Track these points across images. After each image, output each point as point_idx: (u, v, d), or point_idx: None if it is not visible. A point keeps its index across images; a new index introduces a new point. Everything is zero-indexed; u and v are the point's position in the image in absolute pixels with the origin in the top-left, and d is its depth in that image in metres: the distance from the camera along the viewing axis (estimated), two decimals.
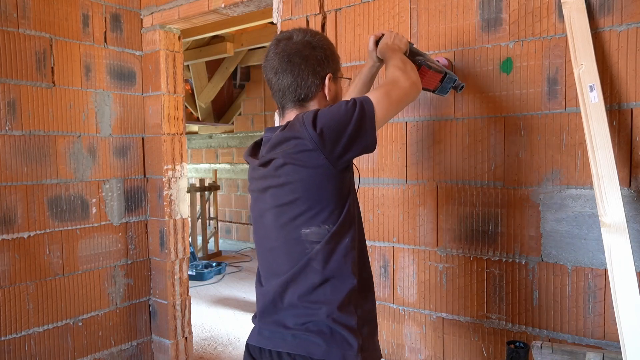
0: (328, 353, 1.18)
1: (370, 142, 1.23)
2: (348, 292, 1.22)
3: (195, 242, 6.39)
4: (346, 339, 1.19)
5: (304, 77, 1.29)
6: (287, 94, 1.31)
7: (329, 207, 1.22)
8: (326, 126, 1.18)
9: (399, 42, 1.52)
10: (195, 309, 4.33)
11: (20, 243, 2.47)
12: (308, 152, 1.19)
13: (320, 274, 1.21)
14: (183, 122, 3.05)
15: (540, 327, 1.66)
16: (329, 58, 1.33)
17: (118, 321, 2.89)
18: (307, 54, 1.29)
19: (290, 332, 1.22)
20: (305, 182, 1.21)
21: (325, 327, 1.19)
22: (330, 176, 1.21)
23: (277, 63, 1.30)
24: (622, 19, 1.50)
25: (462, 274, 1.82)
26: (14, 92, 2.43)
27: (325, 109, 1.24)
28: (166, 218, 2.95)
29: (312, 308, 1.21)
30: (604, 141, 1.42)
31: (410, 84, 1.32)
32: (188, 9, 2.71)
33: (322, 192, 1.21)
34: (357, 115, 1.20)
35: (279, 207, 1.26)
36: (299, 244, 1.23)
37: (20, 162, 2.45)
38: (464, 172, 1.80)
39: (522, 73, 1.67)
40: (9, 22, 2.40)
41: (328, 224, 1.22)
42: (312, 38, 1.31)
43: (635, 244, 1.48)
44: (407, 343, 1.97)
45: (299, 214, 1.22)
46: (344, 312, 1.20)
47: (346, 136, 1.19)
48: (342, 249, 1.22)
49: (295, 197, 1.22)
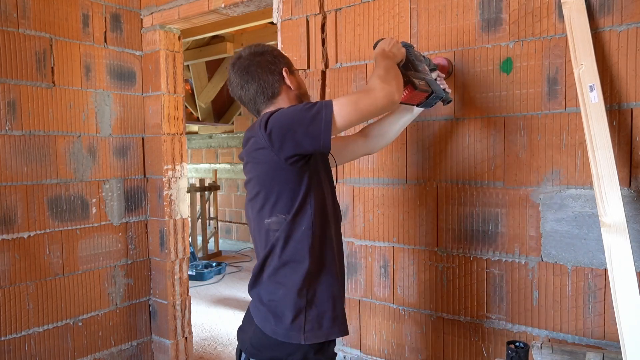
0: (275, 332, 1.37)
1: (323, 144, 1.30)
2: (303, 275, 1.37)
3: (195, 242, 6.39)
4: (290, 322, 1.36)
5: (265, 78, 1.45)
6: (257, 99, 1.47)
7: (283, 197, 1.36)
8: (276, 126, 1.31)
9: (397, 50, 1.52)
10: (195, 309, 4.33)
11: (20, 243, 2.47)
12: (261, 150, 1.34)
13: (279, 258, 1.38)
14: (183, 122, 3.05)
15: (540, 327, 1.67)
16: (277, 57, 1.48)
17: (118, 321, 2.89)
18: (258, 60, 1.45)
19: (261, 306, 1.42)
20: (261, 176, 1.39)
21: (279, 309, 1.38)
22: (282, 170, 1.34)
23: (239, 80, 1.48)
24: (622, 19, 1.50)
25: (462, 274, 1.82)
26: (14, 92, 2.43)
27: (284, 109, 1.36)
28: (166, 218, 2.95)
29: (275, 287, 1.40)
30: (604, 141, 1.42)
31: (384, 96, 1.33)
32: (188, 9, 2.71)
33: (275, 185, 1.36)
34: (309, 117, 1.29)
35: (250, 201, 1.44)
36: (265, 232, 1.40)
37: (20, 162, 2.45)
38: (464, 172, 1.80)
39: (522, 73, 1.67)
40: (9, 22, 2.40)
41: (284, 214, 1.36)
42: (257, 48, 1.49)
43: (635, 244, 1.48)
44: (407, 343, 1.97)
45: (261, 206, 1.39)
46: (296, 294, 1.37)
47: (294, 136, 1.29)
48: (297, 236, 1.37)
49: (256, 190, 1.40)
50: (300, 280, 1.37)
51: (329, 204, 1.45)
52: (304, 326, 1.35)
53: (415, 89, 1.51)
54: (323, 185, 1.43)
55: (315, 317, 1.38)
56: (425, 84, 1.55)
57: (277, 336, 1.36)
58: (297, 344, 1.35)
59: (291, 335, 1.35)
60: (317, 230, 1.39)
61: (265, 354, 1.40)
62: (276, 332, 1.37)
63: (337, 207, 1.52)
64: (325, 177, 1.47)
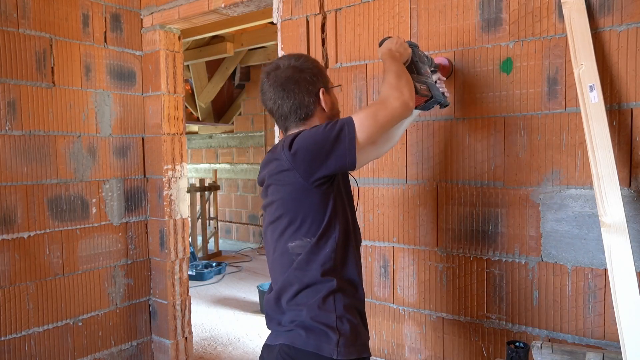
0: (307, 342, 1.30)
1: (349, 162, 1.29)
2: (327, 293, 1.32)
3: (195, 242, 6.39)
4: (325, 333, 1.29)
5: (301, 98, 1.40)
6: (289, 118, 1.43)
7: (307, 220, 1.33)
8: (301, 147, 1.29)
9: (403, 50, 1.51)
10: (195, 309, 4.33)
11: (20, 243, 2.47)
12: (285, 172, 1.32)
13: (301, 281, 1.33)
14: (183, 122, 3.05)
15: (540, 327, 1.67)
16: (317, 75, 1.43)
17: (118, 321, 2.89)
18: (297, 78, 1.39)
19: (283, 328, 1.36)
20: (285, 199, 1.34)
21: (307, 323, 1.31)
22: (306, 192, 1.31)
23: (273, 94, 1.41)
24: (622, 19, 1.50)
25: (462, 274, 1.82)
26: (14, 92, 2.43)
27: (306, 131, 1.33)
28: (166, 218, 2.95)
29: (297, 310, 1.34)
30: (604, 141, 1.42)
31: (400, 104, 1.32)
32: (188, 9, 2.71)
33: (299, 208, 1.33)
34: (333, 136, 1.28)
35: (271, 223, 1.40)
36: (287, 256, 1.36)
37: (20, 162, 2.45)
38: (464, 172, 1.80)
39: (522, 73, 1.67)
40: (9, 22, 2.40)
41: (309, 237, 1.33)
42: (297, 62, 1.42)
43: (635, 244, 1.48)
44: (407, 343, 1.97)
45: (284, 229, 1.35)
46: (323, 311, 1.31)
47: (320, 157, 1.28)
48: (321, 258, 1.33)
49: (279, 213, 1.36)
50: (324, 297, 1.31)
51: (351, 227, 1.42)
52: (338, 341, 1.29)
53: (417, 93, 1.51)
54: (345, 207, 1.41)
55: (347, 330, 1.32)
56: (426, 89, 1.55)
57: (309, 347, 1.29)
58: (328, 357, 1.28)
59: (323, 348, 1.28)
60: (339, 250, 1.35)
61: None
62: (308, 343, 1.29)
63: (357, 229, 1.48)
64: (347, 200, 1.44)
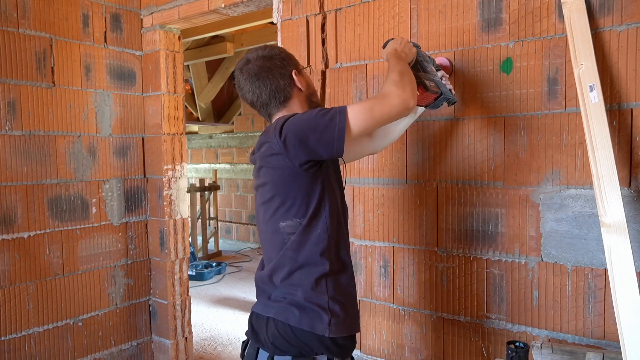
0: (300, 321, 1.36)
1: (336, 151, 1.31)
2: (319, 275, 1.38)
3: (195, 242, 6.39)
4: (318, 313, 1.36)
5: (277, 83, 1.45)
6: (270, 104, 1.48)
7: (297, 202, 1.37)
8: (290, 132, 1.32)
9: (408, 50, 1.52)
10: (195, 309, 4.33)
11: (20, 243, 2.47)
12: (276, 155, 1.35)
13: (295, 261, 1.39)
14: (183, 122, 3.05)
15: (540, 327, 1.67)
16: (286, 59, 1.49)
17: (118, 321, 2.89)
18: (268, 66, 1.46)
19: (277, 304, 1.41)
20: (276, 181, 1.39)
21: (301, 303, 1.37)
22: (297, 175, 1.35)
23: (250, 86, 1.47)
24: (622, 19, 1.50)
25: (462, 274, 1.82)
26: (14, 92, 2.43)
27: (298, 115, 1.37)
28: (166, 218, 2.95)
29: (290, 289, 1.40)
30: (604, 141, 1.42)
31: (400, 102, 1.32)
32: (188, 9, 2.71)
33: (290, 190, 1.37)
34: (323, 124, 1.30)
35: (263, 204, 1.44)
36: (279, 235, 1.41)
37: (20, 162, 2.45)
38: (464, 172, 1.80)
39: (522, 73, 1.67)
40: (9, 22, 2.40)
41: (299, 217, 1.38)
42: (264, 52, 1.48)
43: (635, 244, 1.48)
44: (407, 343, 1.97)
45: (276, 209, 1.40)
46: (316, 292, 1.37)
47: (308, 143, 1.31)
48: (313, 239, 1.38)
49: (271, 194, 1.40)
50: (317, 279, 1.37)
51: (340, 207, 1.47)
52: (330, 320, 1.35)
53: (427, 90, 1.51)
54: (334, 189, 1.45)
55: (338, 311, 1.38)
56: (435, 86, 1.56)
57: (303, 325, 1.35)
58: (321, 335, 1.35)
59: (316, 327, 1.35)
60: (332, 233, 1.40)
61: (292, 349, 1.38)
62: (302, 321, 1.35)
63: (345, 208, 1.53)
64: (336, 181, 1.48)
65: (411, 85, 1.38)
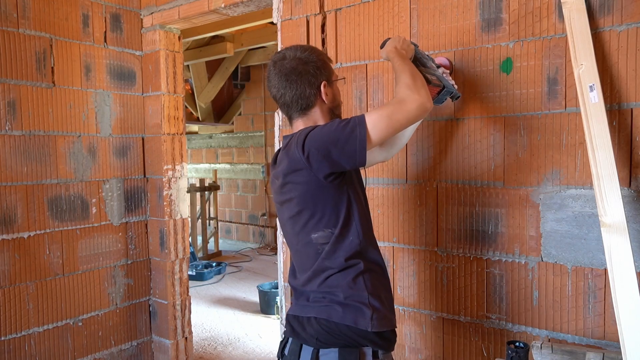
0: (344, 317, 1.36)
1: (359, 162, 1.33)
2: (356, 274, 1.39)
3: (195, 242, 6.39)
4: (360, 309, 1.37)
5: (302, 90, 1.45)
6: (291, 107, 1.49)
7: (327, 213, 1.39)
8: (313, 147, 1.33)
9: (407, 47, 1.53)
10: (195, 309, 4.33)
11: (20, 243, 2.47)
12: (300, 171, 1.37)
13: (331, 268, 1.40)
14: (183, 122, 3.05)
15: (540, 327, 1.66)
16: (321, 68, 1.47)
17: (118, 321, 2.89)
18: (300, 70, 1.45)
19: (317, 304, 1.42)
20: (302, 196, 1.40)
21: (342, 301, 1.38)
22: (322, 188, 1.37)
23: (277, 82, 1.48)
24: (622, 19, 1.50)
25: (462, 274, 1.82)
26: (14, 92, 2.43)
27: (318, 128, 1.37)
28: (166, 218, 2.95)
29: (329, 291, 1.41)
30: (604, 141, 1.42)
31: (418, 106, 1.33)
32: (188, 9, 2.71)
33: (318, 202, 1.39)
34: (345, 137, 1.31)
35: (291, 218, 1.46)
36: (312, 247, 1.42)
37: (20, 162, 2.45)
38: (464, 172, 1.80)
39: (522, 73, 1.67)
40: (9, 22, 2.40)
41: (330, 227, 1.39)
42: (302, 54, 1.47)
43: (635, 244, 1.48)
44: (407, 343, 1.97)
45: (306, 222, 1.41)
46: (355, 290, 1.38)
47: (331, 157, 1.32)
48: (346, 246, 1.40)
49: (299, 209, 1.42)
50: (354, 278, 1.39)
51: (366, 210, 1.49)
52: (372, 315, 1.36)
53: (429, 83, 1.51)
54: (359, 194, 1.47)
55: (379, 306, 1.39)
56: (437, 79, 1.56)
57: (346, 321, 1.36)
58: (364, 330, 1.35)
59: (359, 322, 1.35)
60: (363, 237, 1.42)
61: (337, 342, 1.38)
62: (345, 317, 1.36)
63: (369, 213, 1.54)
64: (359, 185, 1.50)
65: (425, 87, 1.38)
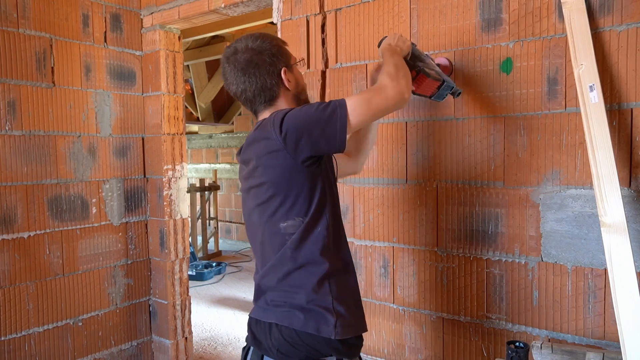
0: (305, 324, 1.31)
1: (338, 144, 1.29)
2: (321, 276, 1.33)
3: (195, 242, 6.39)
4: (322, 315, 1.31)
5: (263, 81, 1.40)
6: (255, 102, 1.43)
7: (299, 200, 1.33)
8: (291, 127, 1.27)
9: (402, 44, 1.53)
10: (195, 309, 4.33)
11: (20, 243, 2.47)
12: (275, 153, 1.30)
13: (294, 261, 1.33)
14: (183, 122, 3.05)
15: (540, 327, 1.67)
16: (277, 55, 1.42)
17: (118, 321, 2.89)
18: (256, 61, 1.39)
19: (278, 308, 1.36)
20: (275, 180, 1.33)
21: (304, 305, 1.32)
22: (297, 172, 1.31)
23: (234, 78, 1.41)
24: (622, 19, 1.50)
25: (462, 274, 1.82)
26: (14, 92, 2.43)
27: (296, 109, 1.32)
28: (166, 218, 2.95)
29: (290, 291, 1.35)
30: (604, 141, 1.42)
31: (396, 94, 1.33)
32: (188, 9, 2.71)
33: (291, 188, 1.32)
34: (325, 118, 1.27)
35: (260, 205, 1.38)
36: (279, 237, 1.35)
37: (20, 162, 2.45)
38: (464, 172, 1.80)
39: (522, 73, 1.67)
40: (9, 22, 2.40)
41: (301, 216, 1.33)
42: (254, 43, 1.41)
43: (635, 244, 1.48)
44: (407, 343, 1.97)
45: (275, 209, 1.34)
46: (319, 294, 1.32)
47: (310, 138, 1.27)
48: (313, 238, 1.34)
49: (270, 194, 1.34)
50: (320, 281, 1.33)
51: (337, 204, 1.44)
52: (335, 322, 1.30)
53: (428, 76, 1.52)
54: (332, 185, 1.42)
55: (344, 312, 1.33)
56: (436, 74, 1.57)
57: (308, 328, 1.30)
58: (328, 338, 1.30)
59: (322, 329, 1.30)
60: (331, 230, 1.37)
61: (299, 353, 1.33)
62: (307, 325, 1.30)
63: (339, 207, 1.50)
64: (332, 177, 1.45)
65: (406, 78, 1.38)
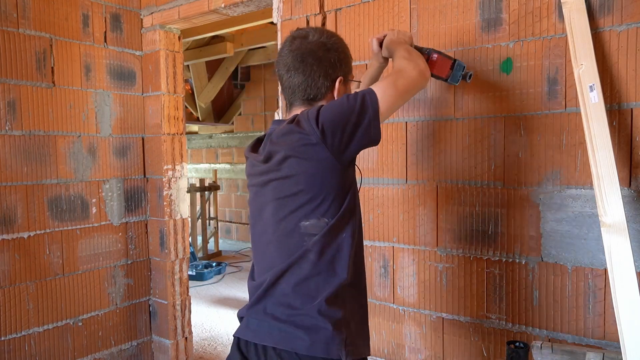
0: (311, 347, 1.18)
1: (374, 135, 1.24)
2: (337, 286, 1.22)
3: (195, 242, 6.39)
4: (331, 334, 1.19)
5: (315, 78, 1.30)
6: (296, 92, 1.33)
7: (329, 199, 1.23)
8: (328, 120, 1.20)
9: (404, 36, 1.54)
10: (195, 309, 4.33)
11: (20, 243, 2.46)
12: (312, 146, 1.21)
13: (314, 266, 1.22)
14: (183, 122, 3.05)
15: (540, 327, 1.66)
16: (342, 61, 1.34)
17: (118, 321, 2.89)
18: (320, 56, 1.30)
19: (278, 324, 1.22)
20: (308, 174, 1.22)
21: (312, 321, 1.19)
22: (333, 169, 1.22)
23: (290, 61, 1.31)
24: (622, 19, 1.50)
25: (462, 274, 1.82)
26: (14, 92, 2.42)
27: (329, 104, 1.26)
28: (166, 218, 2.95)
29: (302, 300, 1.22)
30: (604, 141, 1.42)
31: (418, 72, 1.31)
32: (188, 9, 2.71)
33: (324, 185, 1.22)
34: (358, 109, 1.22)
35: (280, 199, 1.26)
36: (296, 236, 1.24)
37: (20, 162, 2.45)
38: (464, 172, 1.80)
39: (522, 73, 1.67)
40: (9, 22, 2.40)
41: (327, 217, 1.22)
42: (328, 39, 1.32)
43: (635, 244, 1.48)
44: (407, 343, 1.97)
45: (300, 205, 1.23)
46: (332, 306, 1.20)
47: (347, 130, 1.21)
48: (338, 243, 1.24)
49: (298, 189, 1.23)
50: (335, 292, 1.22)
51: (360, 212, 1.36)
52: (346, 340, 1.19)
53: (440, 54, 1.54)
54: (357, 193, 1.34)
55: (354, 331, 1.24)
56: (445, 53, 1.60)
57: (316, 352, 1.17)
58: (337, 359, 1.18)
59: (331, 350, 1.17)
60: (357, 238, 1.27)
61: None
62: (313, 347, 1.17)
63: None
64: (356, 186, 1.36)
65: (421, 58, 1.37)
